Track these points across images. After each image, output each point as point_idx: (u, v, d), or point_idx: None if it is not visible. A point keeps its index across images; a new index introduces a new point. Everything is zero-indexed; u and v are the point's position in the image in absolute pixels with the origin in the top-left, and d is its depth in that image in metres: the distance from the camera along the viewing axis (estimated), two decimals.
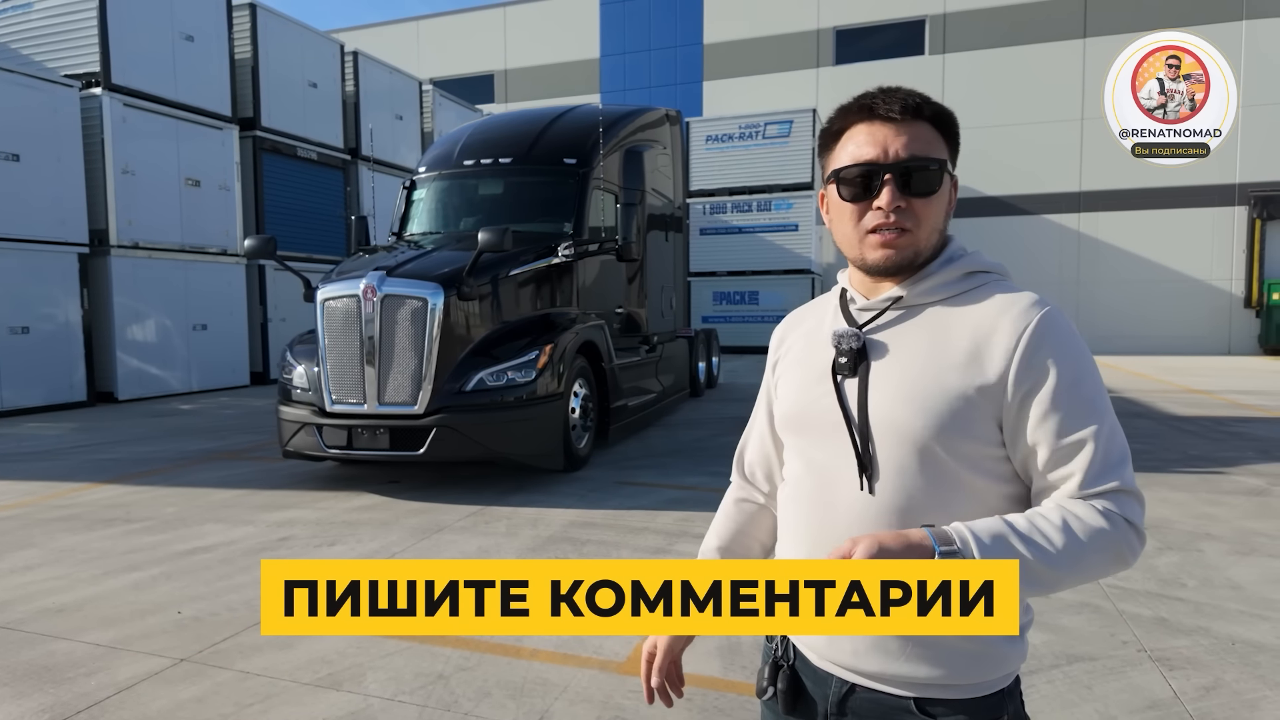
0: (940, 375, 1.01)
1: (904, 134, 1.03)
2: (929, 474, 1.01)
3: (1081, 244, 19.54)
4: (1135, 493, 0.97)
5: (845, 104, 1.09)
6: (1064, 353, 0.99)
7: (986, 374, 0.99)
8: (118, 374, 11.05)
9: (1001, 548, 0.92)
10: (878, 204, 1.03)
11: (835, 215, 1.10)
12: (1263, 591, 3.60)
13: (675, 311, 9.86)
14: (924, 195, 1.04)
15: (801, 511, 1.12)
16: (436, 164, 7.64)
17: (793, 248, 18.60)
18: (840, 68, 21.18)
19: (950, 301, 1.06)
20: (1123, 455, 0.98)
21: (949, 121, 1.07)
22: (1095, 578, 0.97)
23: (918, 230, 1.04)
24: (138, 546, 4.45)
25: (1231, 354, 18.47)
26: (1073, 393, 0.98)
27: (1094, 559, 0.94)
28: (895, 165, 1.02)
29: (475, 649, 3.07)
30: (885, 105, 1.04)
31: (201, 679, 2.84)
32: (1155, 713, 2.55)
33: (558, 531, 4.66)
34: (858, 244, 1.07)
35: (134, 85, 11.19)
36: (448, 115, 18.30)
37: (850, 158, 1.05)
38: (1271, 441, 7.28)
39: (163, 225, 11.69)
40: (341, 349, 5.61)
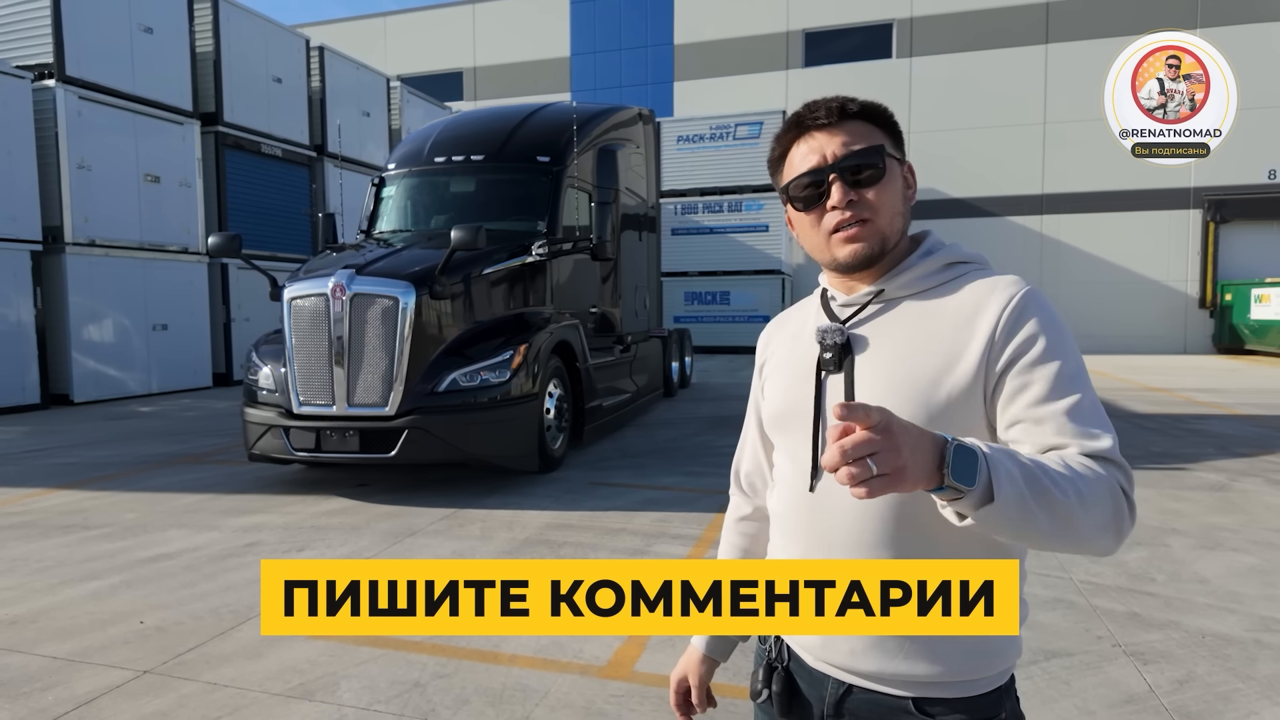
0: (926, 361, 1.01)
1: (837, 135, 1.06)
2: None
3: (1044, 245, 19.96)
4: (1125, 465, 0.93)
5: (781, 128, 1.13)
6: (1046, 326, 0.98)
7: (971, 351, 0.99)
8: (73, 375, 10.70)
9: (1005, 454, 0.85)
10: (831, 204, 1.05)
11: (799, 229, 1.12)
12: (1229, 585, 3.68)
13: (649, 311, 9.84)
14: (873, 184, 1.05)
15: (792, 509, 1.11)
16: (407, 161, 7.52)
17: (763, 248, 18.71)
18: (809, 70, 21.36)
19: (931, 293, 1.07)
20: (1106, 425, 0.95)
21: (879, 113, 1.09)
22: (1094, 526, 0.87)
23: (877, 218, 1.05)
24: (96, 554, 4.29)
25: (1187, 353, 19.01)
26: (1057, 364, 0.96)
27: (1095, 503, 0.87)
28: (835, 164, 1.05)
29: (452, 655, 3.01)
30: (811, 116, 1.08)
31: (166, 691, 2.73)
32: (1132, 707, 2.58)
33: (534, 534, 4.60)
34: (826, 247, 1.08)
35: (90, 78, 10.84)
36: (416, 112, 18.07)
37: (795, 173, 1.08)
38: (1229, 438, 7.48)
39: (121, 222, 11.34)
40: (309, 349, 5.48)
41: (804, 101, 1.11)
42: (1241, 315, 17.65)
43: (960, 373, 0.99)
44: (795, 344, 1.17)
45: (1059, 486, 0.85)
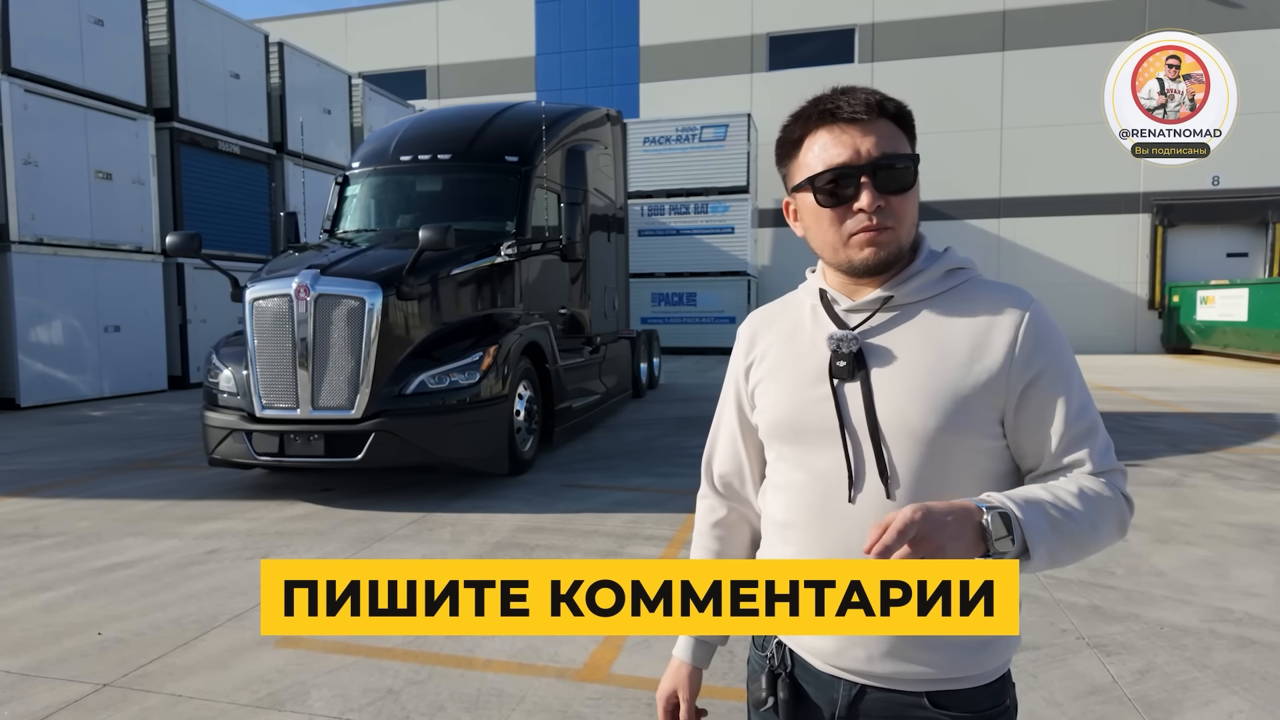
0: (946, 374, 1.02)
1: (871, 133, 1.02)
2: (938, 472, 1.02)
3: (1001, 248, 20.44)
4: (1123, 469, 1.06)
5: (801, 110, 1.07)
6: (1056, 347, 1.05)
7: (989, 369, 1.02)
8: (20, 379, 10.30)
9: (1036, 509, 0.95)
10: (858, 206, 1.02)
11: (813, 222, 1.07)
12: (1183, 577, 3.80)
13: (618, 312, 9.83)
14: (901, 192, 1.03)
15: (802, 519, 1.09)
16: (371, 159, 7.40)
17: (730, 250, 18.83)
18: (773, 74, 21.56)
19: (939, 300, 1.07)
20: (1108, 438, 1.06)
21: (908, 117, 1.08)
22: (1105, 543, 1.02)
23: (899, 227, 1.04)
24: (48, 564, 4.13)
25: (1138, 352, 19.63)
26: (1069, 385, 1.04)
27: (1105, 525, 1.01)
28: (870, 165, 1.01)
29: (426, 661, 2.97)
30: (849, 107, 1.03)
31: (127, 705, 2.65)
32: (1097, 697, 2.65)
33: (505, 537, 4.56)
34: (841, 247, 1.05)
35: (36, 70, 10.46)
36: (378, 110, 17.81)
37: (821, 163, 1.03)
38: (1179, 435, 7.74)
39: (70, 220, 10.96)
40: (272, 351, 5.36)
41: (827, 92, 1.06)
42: (1188, 316, 18.28)
43: (981, 383, 1.01)
44: (792, 347, 1.14)
45: (1078, 523, 0.97)
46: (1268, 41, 18.25)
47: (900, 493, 1.02)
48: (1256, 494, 5.39)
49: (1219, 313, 17.18)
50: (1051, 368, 1.03)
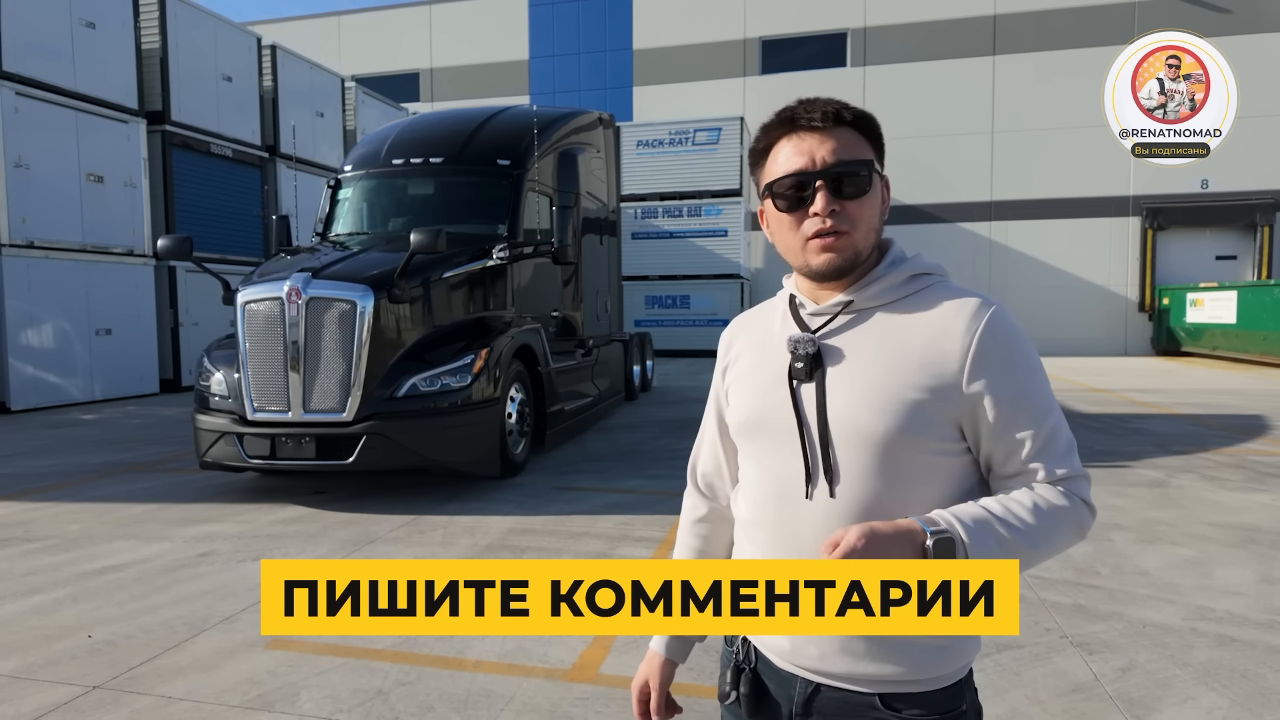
0: (897, 377, 1.03)
1: (829, 140, 1.06)
2: (889, 474, 1.03)
3: (993, 250, 20.56)
4: (1085, 475, 1.07)
5: (768, 121, 1.12)
6: (1014, 352, 1.04)
7: (942, 374, 1.03)
8: (10, 382, 10.25)
9: (983, 529, 0.97)
10: (813, 210, 1.05)
11: (775, 227, 1.12)
12: (1167, 577, 3.84)
13: (610, 315, 9.85)
14: (856, 197, 1.06)
15: (761, 517, 1.12)
16: (363, 162, 7.41)
17: (723, 253, 18.89)
18: (766, 77, 21.65)
19: (899, 304, 1.09)
20: (1070, 442, 1.07)
21: (870, 124, 1.10)
22: (1061, 550, 1.05)
23: (854, 232, 1.06)
24: (39, 567, 4.13)
25: (1128, 354, 19.75)
26: (1026, 391, 1.04)
27: (1061, 535, 1.03)
28: (824, 171, 1.05)
29: (415, 662, 2.98)
30: (806, 115, 1.07)
31: (118, 707, 2.66)
32: (1079, 695, 2.69)
33: (496, 539, 4.58)
34: (800, 251, 1.09)
35: (27, 73, 10.43)
36: (371, 113, 17.81)
37: (781, 170, 1.08)
38: (1166, 436, 7.81)
39: (61, 223, 10.93)
40: (264, 354, 5.36)
41: (800, 99, 1.10)
42: (1178, 319, 18.41)
43: (932, 388, 1.02)
44: (762, 350, 1.17)
45: (1029, 538, 0.99)
46: (1255, 46, 18.41)
47: (850, 494, 1.03)
48: (1241, 495, 5.45)
49: (1208, 315, 17.31)
50: (1006, 374, 1.03)
